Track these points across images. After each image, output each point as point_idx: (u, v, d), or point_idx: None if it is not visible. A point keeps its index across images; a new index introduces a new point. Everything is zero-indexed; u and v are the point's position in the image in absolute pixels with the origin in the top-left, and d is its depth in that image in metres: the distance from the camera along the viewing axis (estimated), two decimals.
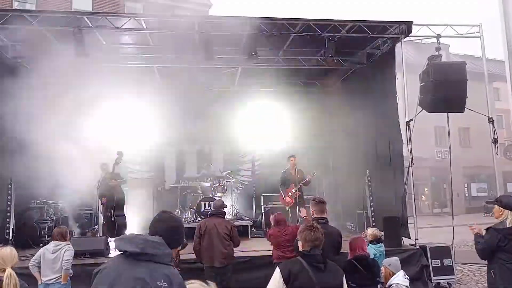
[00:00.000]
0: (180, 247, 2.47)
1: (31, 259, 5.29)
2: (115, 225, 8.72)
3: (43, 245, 6.50)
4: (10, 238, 8.14)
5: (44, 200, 9.34)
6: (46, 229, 8.68)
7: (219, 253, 5.69)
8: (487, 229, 4.32)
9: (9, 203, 8.09)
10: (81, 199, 10.02)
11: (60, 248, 5.22)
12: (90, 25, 7.77)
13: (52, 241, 5.32)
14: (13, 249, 4.02)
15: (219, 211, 6.07)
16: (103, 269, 2.14)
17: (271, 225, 6.24)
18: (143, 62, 9.78)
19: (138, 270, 2.04)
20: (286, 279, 2.89)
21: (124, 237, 2.20)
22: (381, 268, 4.57)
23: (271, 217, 6.33)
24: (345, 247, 4.78)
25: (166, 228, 2.28)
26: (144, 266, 2.05)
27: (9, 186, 8.13)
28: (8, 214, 8.08)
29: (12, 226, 8.21)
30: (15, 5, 17.51)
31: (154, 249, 2.09)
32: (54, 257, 5.18)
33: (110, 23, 7.79)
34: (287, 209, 9.02)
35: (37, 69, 9.18)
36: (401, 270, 4.44)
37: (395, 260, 4.56)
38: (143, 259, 2.06)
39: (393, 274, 4.37)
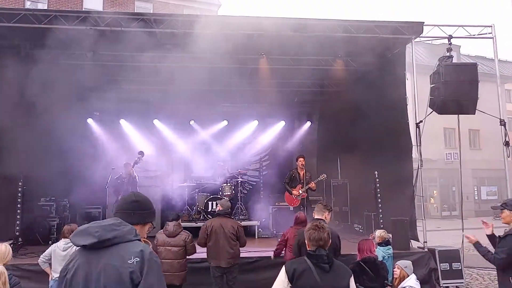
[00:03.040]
0: (150, 224, 2.34)
1: (41, 256, 5.35)
2: None
3: (52, 242, 6.55)
4: (19, 234, 8.23)
5: (54, 198, 9.42)
6: (55, 227, 8.75)
7: (225, 253, 5.69)
8: (504, 236, 4.18)
9: (19, 200, 8.17)
10: (90, 197, 10.12)
11: (71, 246, 5.25)
12: (101, 24, 7.81)
13: (62, 239, 5.35)
14: (8, 246, 4.04)
15: (226, 211, 6.07)
16: (70, 269, 2.01)
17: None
18: (151, 61, 9.80)
19: (105, 258, 1.95)
20: (291, 278, 2.91)
21: (77, 231, 2.06)
22: (394, 269, 4.55)
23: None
24: (354, 249, 4.76)
25: (126, 202, 2.26)
26: (109, 252, 1.96)
27: (19, 183, 8.20)
28: (18, 211, 8.16)
29: (20, 223, 8.28)
30: (28, 5, 17.74)
31: (112, 231, 1.99)
32: (65, 254, 5.21)
33: (120, 23, 7.83)
34: (291, 209, 9.00)
35: (49, 67, 9.30)
36: (413, 274, 4.44)
37: (410, 263, 4.57)
38: (105, 246, 1.97)
39: (406, 276, 4.36)
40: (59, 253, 5.23)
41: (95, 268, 1.94)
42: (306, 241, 3.11)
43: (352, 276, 3.08)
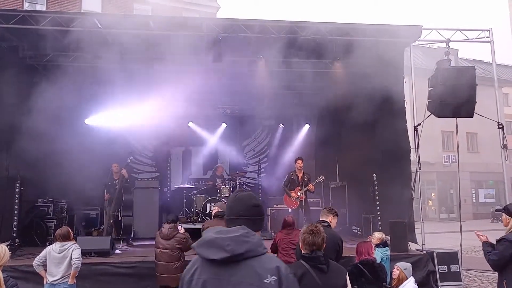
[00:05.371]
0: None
1: (36, 259, 5.29)
2: (121, 225, 8.77)
3: (49, 244, 6.53)
4: (16, 235, 8.20)
5: (51, 199, 9.40)
6: (53, 228, 8.74)
7: None
8: (499, 240, 4.24)
9: (16, 201, 8.15)
10: (87, 198, 10.09)
11: (67, 248, 5.23)
12: (99, 26, 7.81)
13: (57, 242, 5.33)
14: (3, 247, 4.01)
15: (224, 213, 6.05)
16: (195, 283, 1.79)
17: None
18: (150, 63, 9.82)
19: (238, 275, 1.72)
20: None
21: (204, 242, 1.82)
22: (394, 270, 4.56)
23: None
24: (352, 252, 4.77)
25: (247, 207, 1.97)
26: (242, 267, 1.73)
27: (17, 184, 8.19)
28: (15, 212, 8.14)
29: (17, 224, 8.25)
30: (26, 6, 17.73)
31: (244, 244, 1.74)
32: (61, 257, 5.19)
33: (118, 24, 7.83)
34: (289, 211, 9.00)
35: (47, 68, 9.30)
36: (412, 277, 4.45)
37: (409, 265, 4.58)
38: (237, 260, 1.74)
39: (406, 279, 4.37)
40: (55, 256, 5.19)
41: (227, 285, 1.73)
42: (300, 244, 3.10)
43: (347, 273, 3.11)
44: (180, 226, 6.09)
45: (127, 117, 11.51)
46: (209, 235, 1.83)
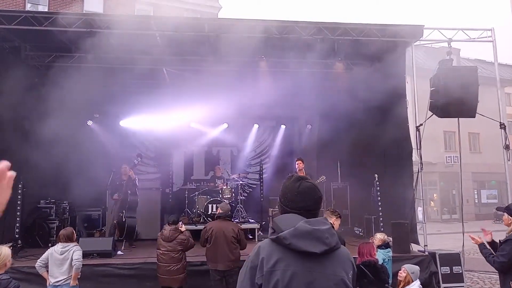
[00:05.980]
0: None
1: (38, 260, 5.30)
2: (125, 226, 8.77)
3: (52, 245, 6.54)
4: (19, 237, 8.21)
5: (53, 200, 9.41)
6: (55, 229, 8.75)
7: (225, 257, 5.67)
8: (505, 240, 4.21)
9: (19, 202, 8.16)
10: (90, 200, 10.10)
11: (69, 249, 5.24)
12: (101, 26, 7.82)
13: (60, 243, 5.34)
14: (4, 248, 4.00)
15: (226, 214, 6.05)
16: (282, 275, 1.67)
17: None
18: (152, 64, 9.82)
19: (330, 267, 1.69)
20: None
21: (298, 233, 1.68)
22: (400, 272, 4.53)
23: None
24: (354, 253, 4.75)
25: (315, 201, 1.85)
26: (334, 261, 1.71)
27: (19, 186, 8.19)
28: (18, 213, 8.15)
29: (19, 225, 8.26)
30: (28, 7, 17.75)
31: (334, 236, 1.72)
32: (62, 258, 5.19)
33: (120, 25, 7.83)
34: None
35: (49, 69, 9.31)
36: (418, 279, 4.42)
37: (417, 269, 4.55)
38: (329, 252, 1.70)
39: (411, 282, 4.35)
40: (57, 257, 5.20)
41: (320, 277, 1.67)
42: None
43: None
44: (180, 223, 6.09)
45: (129, 118, 11.56)
46: (304, 225, 1.69)
